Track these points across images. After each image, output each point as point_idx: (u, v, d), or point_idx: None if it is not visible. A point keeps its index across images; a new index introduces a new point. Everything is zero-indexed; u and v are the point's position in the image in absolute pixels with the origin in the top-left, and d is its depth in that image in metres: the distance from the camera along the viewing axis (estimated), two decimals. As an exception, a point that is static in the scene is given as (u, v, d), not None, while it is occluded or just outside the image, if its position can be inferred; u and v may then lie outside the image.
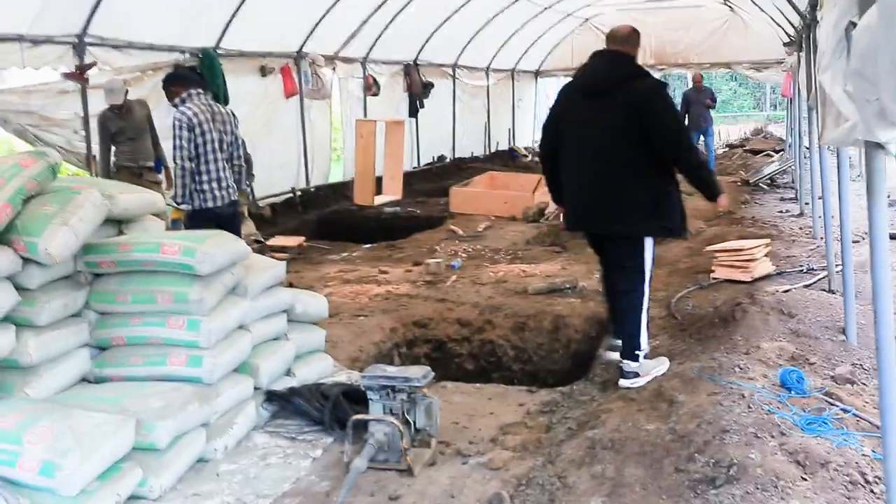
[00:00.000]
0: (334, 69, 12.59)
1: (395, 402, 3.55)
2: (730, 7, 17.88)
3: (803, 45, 9.89)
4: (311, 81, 11.75)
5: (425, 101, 15.23)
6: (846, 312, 4.73)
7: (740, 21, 18.55)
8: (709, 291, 6.68)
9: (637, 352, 4.50)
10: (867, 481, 3.08)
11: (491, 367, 6.40)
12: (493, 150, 19.19)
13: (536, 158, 19.55)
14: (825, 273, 7.04)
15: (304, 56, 11.57)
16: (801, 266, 7.55)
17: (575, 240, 10.21)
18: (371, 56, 13.48)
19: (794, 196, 12.57)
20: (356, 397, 3.89)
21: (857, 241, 9.07)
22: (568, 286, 7.06)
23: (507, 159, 18.73)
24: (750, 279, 6.92)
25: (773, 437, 3.31)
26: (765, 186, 14.14)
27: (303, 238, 9.89)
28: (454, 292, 7.02)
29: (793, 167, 14.59)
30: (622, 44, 4.70)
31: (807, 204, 10.88)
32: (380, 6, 12.21)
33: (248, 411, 3.88)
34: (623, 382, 4.44)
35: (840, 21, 2.80)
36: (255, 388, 4.03)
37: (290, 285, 7.30)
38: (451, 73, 16.75)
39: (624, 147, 4.45)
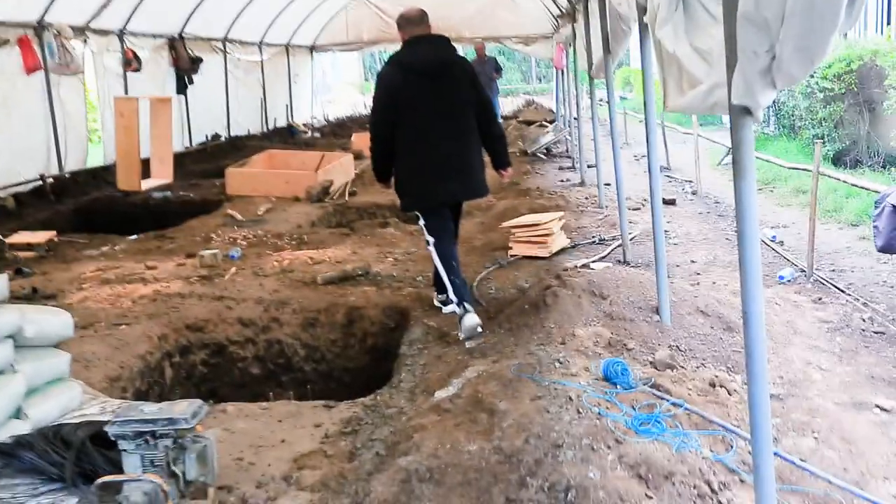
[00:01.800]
0: (86, 42, 11.13)
1: (156, 451, 2.77)
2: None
3: (579, 16, 9.90)
4: (58, 55, 10.25)
5: (195, 76, 14.11)
6: (659, 292, 4.47)
7: (509, -3, 18.66)
8: (509, 270, 6.37)
9: None
10: (713, 490, 2.76)
11: (279, 369, 5.81)
12: (271, 127, 18.22)
13: (317, 134, 18.89)
14: (618, 243, 6.98)
15: (47, 26, 10.05)
16: (594, 237, 7.49)
17: (363, 220, 9.70)
18: (129, 28, 12.16)
19: (571, 165, 12.78)
20: (111, 439, 3.07)
21: (638, 209, 9.26)
22: (360, 272, 6.52)
23: (287, 136, 17.91)
24: (548, 255, 6.75)
25: (609, 447, 2.90)
26: (542, 156, 14.31)
27: (54, 232, 8.58)
28: (234, 287, 6.23)
29: (566, 137, 14.90)
30: (425, 26, 5.10)
31: (585, 172, 11.04)
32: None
33: (-47, 479, 2.95)
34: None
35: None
36: (-31, 443, 3.09)
37: (34, 291, 6.22)
38: (222, 48, 15.62)
39: (469, 119, 5.06)
